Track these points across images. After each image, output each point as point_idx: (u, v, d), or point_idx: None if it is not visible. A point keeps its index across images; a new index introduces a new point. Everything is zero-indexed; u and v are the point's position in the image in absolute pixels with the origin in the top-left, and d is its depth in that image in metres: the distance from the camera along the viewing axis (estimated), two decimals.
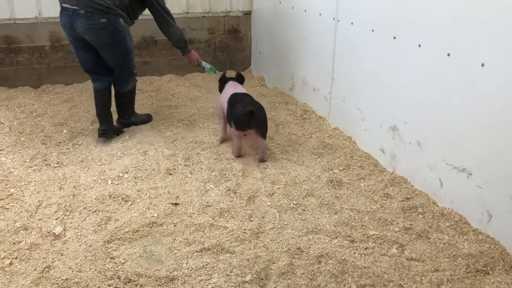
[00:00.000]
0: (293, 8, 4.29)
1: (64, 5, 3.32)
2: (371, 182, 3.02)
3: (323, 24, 3.79)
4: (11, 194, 2.80)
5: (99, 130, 3.59)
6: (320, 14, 3.82)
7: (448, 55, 2.51)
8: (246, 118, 3.10)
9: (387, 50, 3.03)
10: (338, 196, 2.86)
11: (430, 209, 2.68)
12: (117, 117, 3.89)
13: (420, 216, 2.64)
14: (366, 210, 2.71)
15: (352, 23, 3.40)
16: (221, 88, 3.71)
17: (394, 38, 2.94)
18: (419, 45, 2.73)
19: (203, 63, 3.94)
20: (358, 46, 3.36)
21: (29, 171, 3.09)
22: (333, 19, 3.62)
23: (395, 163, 3.09)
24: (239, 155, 3.35)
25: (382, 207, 2.74)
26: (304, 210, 2.72)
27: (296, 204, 2.77)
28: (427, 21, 2.66)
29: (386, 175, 3.07)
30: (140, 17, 4.98)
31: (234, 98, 3.34)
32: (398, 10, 2.90)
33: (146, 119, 4.01)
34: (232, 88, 3.56)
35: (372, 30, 3.16)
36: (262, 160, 3.29)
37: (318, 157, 3.35)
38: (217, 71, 4.05)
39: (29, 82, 4.87)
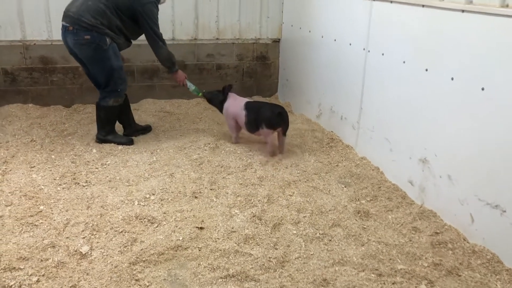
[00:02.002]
0: (322, 37, 4.33)
1: (62, 22, 3.70)
2: (399, 214, 2.96)
3: (353, 54, 3.81)
4: (41, 211, 2.85)
5: (123, 134, 4.08)
6: (350, 44, 3.84)
7: (483, 89, 2.48)
8: (278, 118, 3.63)
9: (419, 82, 3.01)
10: (365, 228, 2.81)
11: (461, 245, 2.61)
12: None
13: (450, 252, 2.57)
14: (394, 243, 2.66)
15: (383, 54, 3.40)
16: (223, 100, 4.03)
17: (426, 70, 2.93)
18: (452, 78, 2.71)
19: (188, 84, 4.19)
20: (388, 77, 3.36)
21: (59, 189, 3.15)
22: (364, 49, 3.64)
23: (424, 196, 3.04)
24: (274, 154, 3.76)
25: (411, 240, 2.68)
26: (330, 240, 2.68)
27: (322, 234, 2.73)
28: (461, 54, 2.64)
29: (415, 208, 3.02)
30: (171, 43, 5.17)
31: (252, 105, 3.86)
32: (431, 42, 2.90)
33: (126, 141, 4.00)
34: (237, 98, 4.01)
35: (404, 62, 3.16)
36: (282, 152, 3.80)
37: (345, 187, 3.32)
38: (200, 93, 4.24)
39: (61, 101, 5.00)
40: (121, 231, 2.67)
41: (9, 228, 2.65)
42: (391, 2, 3.27)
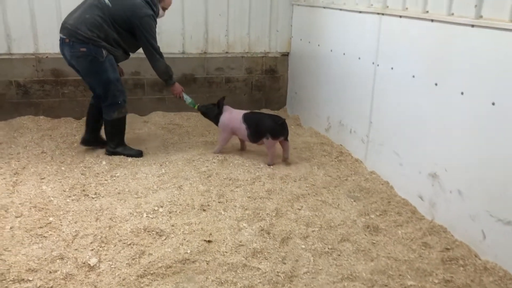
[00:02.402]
0: (331, 51, 4.35)
1: (59, 34, 3.74)
2: (409, 229, 2.93)
3: (362, 68, 3.81)
4: (50, 223, 2.86)
5: (81, 138, 4.09)
6: (359, 58, 3.85)
7: (493, 104, 2.47)
8: (281, 128, 3.81)
9: (428, 96, 3.01)
10: (374, 243, 2.79)
11: (472, 261, 2.57)
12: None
13: (461, 268, 2.54)
14: (404, 258, 2.63)
15: (392, 68, 3.40)
16: (218, 114, 4.08)
17: (436, 84, 2.93)
18: (462, 93, 2.70)
19: (185, 96, 4.21)
20: (398, 91, 3.35)
21: (68, 200, 3.16)
22: (373, 63, 3.64)
23: (434, 211, 3.01)
24: (274, 163, 3.89)
25: (421, 256, 2.65)
26: (339, 255, 2.66)
27: (331, 249, 2.71)
28: (471, 69, 2.64)
29: (425, 223, 2.98)
30: (181, 56, 5.22)
31: (251, 117, 3.97)
32: (440, 56, 2.89)
33: (135, 154, 4.01)
34: (232, 111, 4.09)
35: (413, 76, 3.16)
36: (287, 159, 3.93)
37: (354, 201, 3.30)
38: (196, 106, 4.24)
39: (72, 113, 5.05)
40: (129, 244, 2.67)
41: (19, 239, 2.66)
42: (400, 16, 3.28)
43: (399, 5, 3.31)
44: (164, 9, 4.06)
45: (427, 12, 3.01)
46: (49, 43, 4.80)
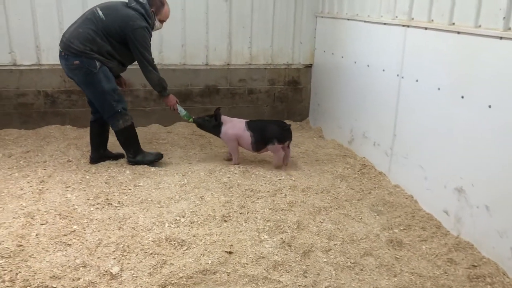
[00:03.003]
0: (355, 62, 4.33)
1: (59, 47, 3.81)
2: (434, 245, 2.87)
3: (386, 80, 3.78)
4: (74, 231, 2.90)
5: (90, 156, 4.09)
6: (383, 70, 3.82)
7: None
8: (288, 133, 3.94)
9: (455, 109, 2.95)
10: (398, 258, 2.73)
11: (500, 279, 2.50)
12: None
13: (489, 286, 2.47)
14: (428, 275, 2.57)
15: (417, 81, 3.36)
16: (217, 125, 4.08)
17: (462, 97, 2.88)
18: (490, 106, 2.65)
19: (179, 109, 4.19)
20: (423, 103, 3.31)
21: (92, 209, 3.20)
22: (397, 75, 3.61)
23: (460, 227, 2.93)
24: (280, 166, 4.02)
25: (446, 273, 2.58)
26: (361, 270, 2.61)
27: (353, 263, 2.67)
28: (499, 82, 2.58)
29: (450, 238, 2.91)
30: (204, 67, 5.27)
31: (255, 125, 4.04)
32: (467, 69, 2.85)
33: (154, 158, 4.06)
34: (232, 120, 4.12)
35: (438, 89, 3.11)
36: (287, 164, 4.06)
37: (377, 215, 3.25)
38: (190, 119, 4.22)
39: None
40: (151, 253, 2.68)
41: (44, 246, 2.70)
42: (426, 28, 3.24)
43: (425, 17, 3.27)
44: (162, 21, 4.04)
45: (454, 24, 2.98)
46: None
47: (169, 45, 5.12)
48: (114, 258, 2.62)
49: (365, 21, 4.13)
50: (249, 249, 2.76)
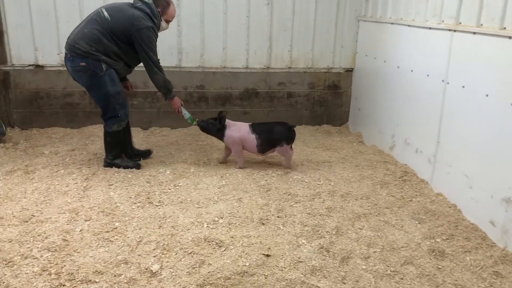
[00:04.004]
0: (398, 67, 4.25)
1: (64, 49, 3.80)
2: (479, 256, 2.77)
3: (430, 86, 3.69)
4: (116, 228, 2.97)
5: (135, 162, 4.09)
6: (428, 75, 3.73)
7: None
8: (293, 133, 4.02)
9: (503, 117, 2.85)
10: (440, 268, 2.65)
11: None
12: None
13: None
14: (473, 287, 2.47)
15: (463, 87, 3.26)
16: (221, 128, 4.04)
17: None
18: None
19: (184, 111, 4.15)
20: (469, 110, 3.21)
21: (133, 207, 3.28)
22: (442, 81, 3.51)
23: (507, 239, 2.82)
24: (291, 166, 4.09)
25: (492, 286, 2.49)
26: (402, 278, 2.55)
27: (393, 271, 2.61)
28: None
29: (496, 251, 2.80)
30: (244, 71, 5.30)
31: (260, 128, 4.05)
32: None
33: (132, 165, 4.01)
34: (236, 123, 4.09)
35: (487, 95, 3.01)
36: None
37: (419, 223, 3.17)
38: (194, 122, 4.18)
39: (140, 123, 5.27)
40: (190, 252, 2.71)
41: (87, 242, 2.79)
42: (474, 33, 3.14)
43: (473, 21, 3.18)
44: (168, 21, 3.99)
45: (505, 28, 2.87)
46: None
47: (210, 48, 5.19)
48: (154, 256, 2.67)
49: (409, 25, 4.04)
50: (287, 253, 2.75)
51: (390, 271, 2.62)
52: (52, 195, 3.41)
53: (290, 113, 5.54)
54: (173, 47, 5.12)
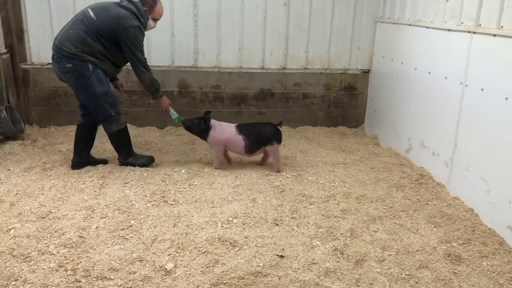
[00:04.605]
0: (416, 69, 4.20)
1: (52, 50, 3.75)
2: (496, 262, 2.72)
3: (448, 88, 3.65)
4: (131, 226, 3.00)
5: (71, 160, 3.97)
6: (446, 78, 3.69)
7: None
8: (281, 132, 4.02)
9: None
10: (456, 273, 2.62)
11: None
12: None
13: None
14: None
15: (482, 89, 3.22)
16: (206, 129, 3.99)
17: None
18: None
19: (171, 111, 4.10)
20: (488, 114, 3.16)
21: (149, 205, 3.31)
22: (461, 83, 3.47)
23: None
24: (281, 168, 4.07)
25: None
26: (417, 282, 2.53)
27: (408, 275, 2.59)
28: None
29: None
30: (260, 71, 5.31)
31: (247, 129, 4.02)
32: None
33: (146, 162, 4.01)
34: (221, 124, 4.06)
35: (506, 98, 2.96)
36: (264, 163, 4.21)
37: (435, 227, 3.13)
38: (181, 122, 4.12)
39: (155, 123, 5.32)
40: (204, 252, 2.72)
41: (103, 239, 2.82)
42: (494, 35, 3.10)
43: (493, 23, 3.13)
44: (155, 20, 3.94)
45: None
46: None
47: (226, 49, 5.20)
48: (169, 255, 2.69)
49: (427, 27, 4.00)
50: (301, 254, 2.74)
51: (405, 274, 2.59)
52: (69, 192, 3.46)
53: (305, 114, 5.53)
54: (189, 47, 5.15)
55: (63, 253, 2.65)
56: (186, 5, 5.01)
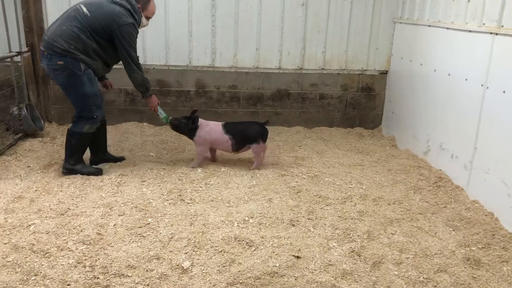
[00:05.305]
0: (435, 71, 4.16)
1: (40, 46, 3.67)
2: None
3: (469, 90, 3.60)
4: (148, 224, 3.02)
5: (89, 160, 3.97)
6: (466, 79, 3.63)
7: None
8: (267, 130, 4.04)
9: None
10: (475, 277, 2.58)
11: None
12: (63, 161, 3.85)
13: None
14: None
15: (504, 92, 3.17)
16: (194, 128, 3.98)
17: None
18: None
19: (159, 110, 4.06)
20: (510, 116, 3.10)
21: (165, 204, 3.32)
22: (481, 85, 3.42)
23: None
24: (261, 164, 4.11)
25: None
26: (435, 286, 2.50)
27: (426, 278, 2.56)
28: None
29: None
30: (277, 71, 5.30)
31: (233, 127, 4.04)
32: None
33: (94, 171, 3.80)
34: (208, 123, 4.04)
35: None
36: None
37: (453, 230, 3.09)
38: (168, 122, 4.08)
39: None
40: (221, 251, 2.73)
41: (120, 237, 2.84)
42: None
43: None
44: (148, 18, 3.88)
45: None
46: (156, 56, 5.15)
47: (243, 49, 5.21)
48: (186, 253, 2.70)
49: (448, 28, 3.95)
50: (317, 255, 2.73)
51: (423, 278, 2.56)
52: (87, 190, 3.49)
53: (321, 114, 5.51)
54: (207, 47, 5.17)
55: (82, 249, 2.68)
56: (204, 5, 5.03)
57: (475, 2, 3.56)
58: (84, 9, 3.59)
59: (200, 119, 4.03)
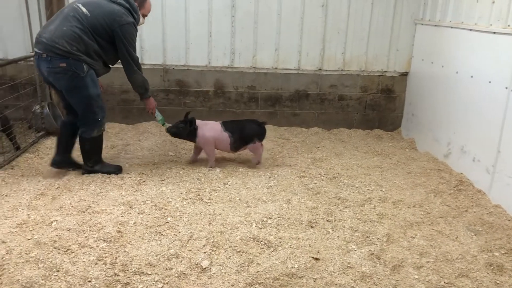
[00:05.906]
0: (457, 73, 4.10)
1: (34, 49, 3.49)
2: None
3: (492, 93, 3.54)
4: (168, 222, 3.04)
5: (52, 159, 3.79)
6: (489, 82, 3.58)
7: None
8: (264, 130, 4.06)
9: None
10: (498, 283, 2.54)
11: None
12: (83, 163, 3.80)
13: None
14: None
15: None
16: (193, 130, 3.94)
17: None
18: None
19: (157, 113, 4.02)
20: None
21: (184, 203, 3.34)
22: (506, 88, 3.36)
23: None
24: (259, 163, 4.15)
25: None
26: None
27: (447, 283, 2.52)
28: None
29: None
30: (296, 72, 5.29)
31: (232, 126, 4.02)
32: None
33: (114, 170, 3.80)
34: (207, 123, 4.03)
35: None
36: (259, 162, 4.17)
37: (475, 235, 3.04)
38: (165, 124, 4.05)
39: None
40: (239, 251, 2.73)
41: (140, 235, 2.87)
42: None
43: None
44: (144, 16, 3.80)
45: None
46: (176, 56, 5.18)
47: (262, 49, 5.21)
48: (204, 252, 2.71)
49: (471, 30, 3.89)
50: (336, 258, 2.72)
51: (444, 282, 2.53)
52: (108, 188, 3.53)
53: (340, 116, 5.48)
54: (226, 47, 5.18)
55: (102, 247, 2.71)
56: (224, 6, 5.05)
57: (500, 3, 3.50)
58: (83, 9, 3.48)
59: (197, 120, 4.00)
